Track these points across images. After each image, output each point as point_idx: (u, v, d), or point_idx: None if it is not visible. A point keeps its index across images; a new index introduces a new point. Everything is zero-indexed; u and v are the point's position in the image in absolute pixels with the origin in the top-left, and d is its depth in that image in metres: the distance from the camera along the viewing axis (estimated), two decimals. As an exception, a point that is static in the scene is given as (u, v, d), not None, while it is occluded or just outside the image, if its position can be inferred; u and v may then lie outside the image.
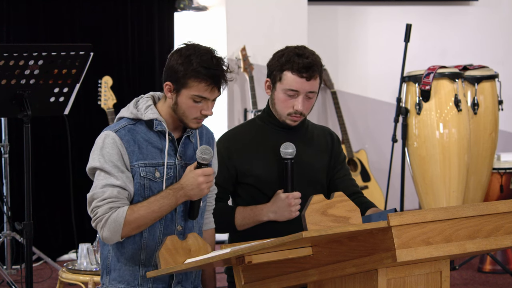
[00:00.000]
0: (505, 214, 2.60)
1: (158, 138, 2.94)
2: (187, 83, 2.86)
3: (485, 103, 5.45)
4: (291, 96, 3.21)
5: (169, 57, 2.93)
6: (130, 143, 2.89)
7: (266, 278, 2.75)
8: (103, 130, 2.95)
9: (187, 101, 2.88)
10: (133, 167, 2.88)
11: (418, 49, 6.81)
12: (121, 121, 2.95)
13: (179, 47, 2.93)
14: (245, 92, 6.34)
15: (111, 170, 2.85)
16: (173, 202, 2.89)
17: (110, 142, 2.88)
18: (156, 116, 2.92)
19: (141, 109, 2.95)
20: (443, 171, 5.22)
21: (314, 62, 3.19)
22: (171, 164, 2.95)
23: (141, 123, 2.94)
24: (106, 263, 2.99)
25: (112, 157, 2.86)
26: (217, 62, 2.88)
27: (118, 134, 2.89)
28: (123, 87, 5.99)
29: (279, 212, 3.20)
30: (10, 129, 5.30)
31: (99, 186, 2.86)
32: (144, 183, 2.90)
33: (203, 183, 2.88)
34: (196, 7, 6.44)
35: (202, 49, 2.89)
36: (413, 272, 2.58)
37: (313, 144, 3.35)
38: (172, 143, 2.96)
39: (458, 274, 5.36)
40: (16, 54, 3.89)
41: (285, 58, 3.20)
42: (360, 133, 7.07)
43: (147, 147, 2.92)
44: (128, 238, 2.91)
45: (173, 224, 2.96)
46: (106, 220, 2.83)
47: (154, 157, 2.92)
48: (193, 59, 2.85)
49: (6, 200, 5.19)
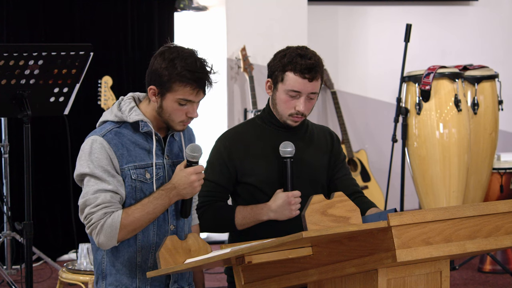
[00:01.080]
0: (505, 214, 2.60)
1: (144, 139, 2.93)
2: (172, 87, 2.85)
3: (485, 103, 5.46)
4: (293, 96, 3.21)
5: (152, 60, 2.92)
6: (119, 147, 2.87)
7: (266, 278, 2.75)
8: (88, 135, 2.91)
9: (172, 105, 2.87)
10: (123, 170, 2.87)
11: (418, 49, 6.81)
12: (105, 125, 2.93)
13: (161, 49, 2.91)
14: (245, 92, 6.34)
15: (101, 175, 2.83)
16: (167, 202, 2.88)
17: (98, 147, 2.85)
18: (141, 118, 2.91)
19: (125, 111, 2.93)
20: (443, 171, 5.22)
21: (317, 63, 3.19)
22: (160, 164, 2.94)
23: (126, 126, 2.92)
24: (101, 269, 2.97)
25: (101, 162, 2.84)
26: (201, 65, 2.87)
27: (106, 138, 2.87)
28: (123, 87, 5.98)
29: (279, 211, 3.19)
30: (10, 129, 5.30)
31: (90, 192, 2.83)
32: (135, 185, 2.88)
33: (195, 181, 2.88)
34: (196, 7, 6.44)
35: (186, 52, 2.88)
36: (413, 272, 2.58)
37: (313, 143, 3.35)
38: (158, 143, 2.95)
39: (458, 274, 5.36)
40: (16, 54, 3.90)
41: (288, 58, 3.20)
42: (360, 133, 7.07)
43: (135, 149, 2.90)
44: (122, 242, 2.89)
45: (165, 224, 2.95)
46: (102, 226, 2.81)
47: (142, 159, 2.91)
48: (177, 62, 2.84)
49: (6, 200, 5.19)
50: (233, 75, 6.35)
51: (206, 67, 2.89)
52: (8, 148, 5.25)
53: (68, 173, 4.10)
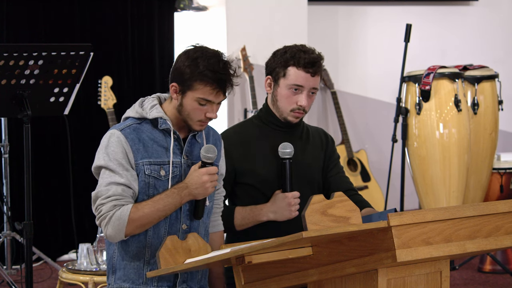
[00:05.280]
0: (505, 214, 2.60)
1: (163, 136, 2.95)
2: (193, 86, 2.88)
3: (485, 103, 5.46)
4: (295, 91, 3.23)
5: (177, 58, 2.95)
6: (135, 141, 2.90)
7: (266, 278, 2.75)
8: (109, 129, 2.96)
9: (192, 103, 2.90)
10: (137, 165, 2.89)
11: (418, 49, 6.81)
12: (126, 121, 2.98)
13: (187, 48, 2.95)
14: (245, 92, 6.34)
15: (115, 168, 2.86)
16: (178, 201, 2.89)
17: (115, 140, 2.89)
18: (161, 115, 2.93)
19: (146, 108, 2.96)
20: (443, 171, 5.22)
21: (319, 58, 3.24)
22: (177, 163, 2.95)
23: (146, 122, 2.96)
24: (111, 263, 3.00)
25: (116, 155, 2.87)
26: (223, 66, 2.90)
27: (123, 133, 2.90)
28: (123, 87, 5.99)
29: (278, 212, 3.19)
30: (10, 129, 5.30)
31: (103, 184, 2.87)
32: (148, 181, 2.90)
33: (207, 181, 2.89)
34: (196, 7, 6.44)
35: (210, 52, 2.91)
36: (413, 272, 2.58)
37: (310, 144, 3.36)
38: (177, 142, 2.96)
39: (458, 274, 5.36)
40: (16, 54, 3.90)
41: (290, 54, 3.23)
42: (360, 133, 7.07)
43: (153, 145, 2.93)
44: (133, 236, 2.91)
45: (178, 223, 2.96)
46: (110, 217, 2.84)
47: (159, 156, 2.93)
48: (200, 62, 2.87)
49: (6, 200, 5.19)
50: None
51: (229, 69, 2.91)
52: (8, 148, 5.25)
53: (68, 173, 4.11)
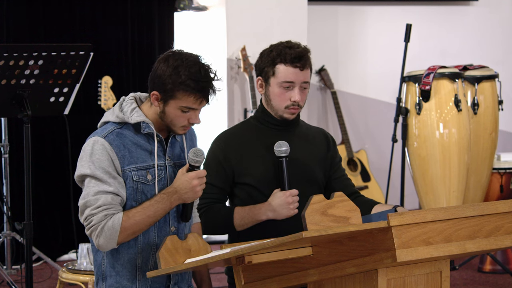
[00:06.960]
0: (505, 214, 2.60)
1: (146, 140, 2.92)
2: (176, 95, 2.84)
3: (485, 103, 5.46)
4: (287, 88, 3.23)
5: (156, 66, 2.89)
6: (120, 148, 2.86)
7: (266, 278, 2.75)
8: (89, 136, 2.90)
9: (175, 112, 2.87)
10: (124, 172, 2.86)
11: (418, 49, 6.81)
12: (107, 126, 2.92)
13: (165, 55, 2.89)
14: (245, 92, 6.34)
15: (102, 176, 2.82)
16: (168, 206, 2.87)
17: (100, 148, 2.83)
18: (143, 119, 2.89)
19: (127, 112, 2.91)
20: (443, 171, 5.22)
21: (305, 51, 3.24)
22: (161, 166, 2.93)
23: (127, 127, 2.91)
24: (100, 270, 2.97)
25: (102, 163, 2.82)
26: (205, 73, 2.85)
27: (107, 140, 2.85)
28: (123, 87, 5.99)
29: (277, 210, 3.19)
30: (10, 129, 5.30)
31: (91, 194, 2.82)
32: (136, 187, 2.87)
33: (197, 186, 2.87)
34: (196, 7, 6.44)
35: (190, 60, 2.85)
36: (413, 272, 2.58)
37: (309, 143, 3.36)
38: (160, 144, 2.94)
39: (458, 274, 5.36)
40: (16, 54, 3.89)
41: (276, 51, 3.24)
42: (360, 133, 7.07)
43: (137, 150, 2.89)
44: (122, 244, 2.88)
45: (166, 225, 2.95)
46: (102, 228, 2.80)
47: (144, 160, 2.90)
48: (181, 71, 2.82)
49: (6, 200, 5.19)
50: (233, 75, 6.35)
51: (210, 74, 2.87)
52: (8, 148, 5.25)
53: (68, 173, 4.10)
